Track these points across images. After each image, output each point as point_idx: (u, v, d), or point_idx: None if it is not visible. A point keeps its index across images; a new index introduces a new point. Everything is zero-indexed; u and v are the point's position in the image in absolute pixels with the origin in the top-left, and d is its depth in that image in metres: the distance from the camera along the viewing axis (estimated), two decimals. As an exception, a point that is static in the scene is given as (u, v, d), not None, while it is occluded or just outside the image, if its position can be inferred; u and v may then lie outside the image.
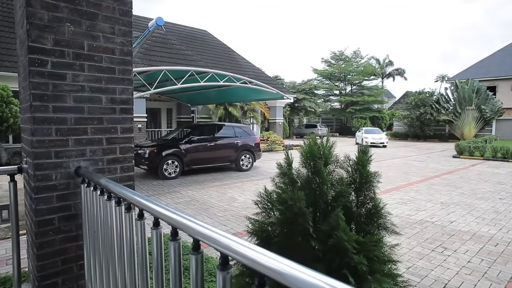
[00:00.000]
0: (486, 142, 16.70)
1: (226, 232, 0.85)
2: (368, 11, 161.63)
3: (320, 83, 37.58)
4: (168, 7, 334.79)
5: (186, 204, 6.36)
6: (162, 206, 1.12)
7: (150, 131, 16.53)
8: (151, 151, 9.08)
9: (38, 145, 1.84)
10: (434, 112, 25.45)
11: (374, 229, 1.68)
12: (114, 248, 1.48)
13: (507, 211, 5.86)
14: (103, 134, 2.07)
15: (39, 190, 1.85)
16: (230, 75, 9.31)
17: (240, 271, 1.65)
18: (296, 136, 30.14)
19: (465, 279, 3.29)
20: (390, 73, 45.54)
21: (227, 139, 10.36)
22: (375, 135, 21.03)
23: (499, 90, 28.02)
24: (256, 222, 1.77)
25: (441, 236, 4.55)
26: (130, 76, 2.18)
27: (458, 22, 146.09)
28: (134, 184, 2.26)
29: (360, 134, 22.38)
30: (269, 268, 0.69)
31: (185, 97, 14.53)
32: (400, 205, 6.28)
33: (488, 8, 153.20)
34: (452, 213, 5.73)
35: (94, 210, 1.70)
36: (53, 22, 1.85)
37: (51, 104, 1.87)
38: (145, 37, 14.47)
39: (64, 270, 1.95)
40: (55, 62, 1.87)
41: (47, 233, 1.88)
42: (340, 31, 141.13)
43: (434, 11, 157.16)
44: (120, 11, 2.11)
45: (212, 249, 0.85)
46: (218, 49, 21.04)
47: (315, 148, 1.77)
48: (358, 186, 1.75)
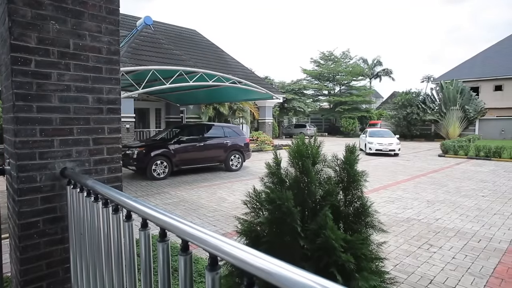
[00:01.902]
0: (469, 141, 17.16)
1: (215, 233, 0.85)
2: (357, 12, 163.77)
3: (309, 83, 37.85)
4: (157, 6, 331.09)
5: (175, 205, 6.30)
6: (150, 207, 1.11)
7: (139, 131, 16.31)
8: (139, 151, 8.96)
9: (22, 146, 1.79)
10: (420, 112, 25.99)
11: (362, 228, 1.71)
12: (101, 250, 1.46)
13: (489, 208, 6.03)
14: (89, 135, 2.03)
15: (23, 192, 1.80)
16: (220, 75, 9.28)
17: (229, 271, 1.65)
18: (285, 136, 30.27)
19: (450, 274, 3.37)
20: (378, 74, 46.23)
21: (216, 139, 10.32)
22: (382, 140, 15.41)
23: (482, 90, 28.85)
24: (245, 222, 1.78)
25: (427, 233, 4.66)
26: (118, 76, 2.15)
27: (444, 24, 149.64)
28: (122, 185, 2.22)
29: (364, 137, 16.74)
30: (258, 268, 0.69)
31: (174, 97, 14.40)
32: (387, 203, 6.39)
33: (473, 11, 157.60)
34: (437, 210, 5.86)
35: (80, 212, 1.67)
36: (36, 19, 1.81)
37: (35, 104, 1.82)
38: (133, 36, 14.26)
39: (49, 274, 1.90)
40: (39, 61, 1.83)
41: (31, 236, 1.84)
42: (329, 32, 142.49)
43: (421, 13, 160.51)
44: (107, 9, 2.07)
45: (201, 249, 0.84)
46: (207, 49, 20.92)
47: (303, 147, 1.79)
48: (346, 185, 1.78)
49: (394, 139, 15.79)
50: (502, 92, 28.35)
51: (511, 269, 3.49)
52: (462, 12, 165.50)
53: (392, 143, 15.25)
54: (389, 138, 15.92)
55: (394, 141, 15.38)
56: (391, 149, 15.01)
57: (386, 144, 15.07)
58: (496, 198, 6.79)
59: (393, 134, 16.94)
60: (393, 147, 15.07)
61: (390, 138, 15.94)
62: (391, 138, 15.95)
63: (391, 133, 17.18)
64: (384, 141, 15.32)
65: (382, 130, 18.05)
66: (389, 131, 17.40)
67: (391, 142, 15.30)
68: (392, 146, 15.08)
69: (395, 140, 15.66)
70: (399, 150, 15.46)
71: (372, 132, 16.94)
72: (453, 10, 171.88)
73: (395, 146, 15.13)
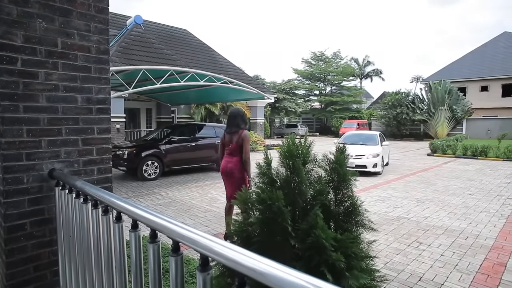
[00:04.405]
0: (457, 140, 17.52)
1: (206, 233, 0.85)
2: (348, 12, 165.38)
3: (301, 83, 38.06)
4: (147, 6, 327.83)
5: (166, 206, 6.25)
6: (140, 208, 1.11)
7: (129, 132, 16.12)
8: (130, 152, 8.86)
9: (8, 146, 1.75)
10: (410, 112, 26.41)
11: (352, 227, 1.73)
12: (91, 252, 1.44)
13: (476, 206, 6.17)
14: (78, 135, 2.00)
15: (9, 194, 1.77)
16: (211, 75, 9.24)
17: (220, 272, 1.64)
18: (277, 136, 30.36)
19: (438, 271, 3.44)
20: (368, 74, 46.79)
21: (208, 139, 10.28)
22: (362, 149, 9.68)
23: (469, 91, 29.49)
24: (236, 222, 1.78)
25: (416, 231, 4.73)
26: (107, 75, 2.12)
27: (433, 25, 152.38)
28: (112, 186, 2.20)
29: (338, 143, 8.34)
30: (249, 268, 0.70)
31: (164, 97, 14.28)
32: (378, 202, 6.47)
33: (461, 13, 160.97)
34: (426, 209, 5.97)
35: (69, 214, 1.64)
36: (23, 17, 1.77)
37: (22, 104, 1.79)
38: (123, 35, 14.07)
39: (37, 278, 1.87)
40: (26, 60, 1.79)
41: (18, 239, 1.80)
42: (320, 32, 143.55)
43: (411, 14, 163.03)
44: (96, 8, 2.05)
45: (193, 250, 0.84)
46: (198, 49, 20.81)
47: (294, 147, 1.80)
48: (336, 184, 1.79)
49: (377, 147, 9.76)
50: (488, 93, 29.04)
51: (497, 265, 3.58)
52: (451, 14, 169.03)
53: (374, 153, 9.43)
54: (371, 146, 9.85)
55: (375, 151, 9.50)
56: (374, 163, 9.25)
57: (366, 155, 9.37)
58: (482, 196, 6.94)
59: (378, 138, 10.64)
60: (375, 160, 9.28)
61: (372, 146, 9.85)
62: (374, 146, 9.85)
63: (375, 137, 10.72)
64: (364, 150, 9.52)
65: (365, 133, 11.95)
66: (375, 135, 10.95)
67: (374, 152, 9.49)
68: (366, 160, 9.27)
69: (378, 149, 9.64)
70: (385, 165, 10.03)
71: (349, 137, 11.18)
72: (442, 12, 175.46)
73: (377, 159, 9.29)
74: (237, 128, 4.15)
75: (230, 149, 4.14)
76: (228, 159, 4.16)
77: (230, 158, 4.15)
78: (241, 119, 4.20)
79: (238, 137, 4.09)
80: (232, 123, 4.19)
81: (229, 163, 4.13)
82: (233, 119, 4.20)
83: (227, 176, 4.16)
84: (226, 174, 4.18)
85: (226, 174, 4.17)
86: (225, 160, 4.20)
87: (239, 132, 4.12)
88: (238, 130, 4.13)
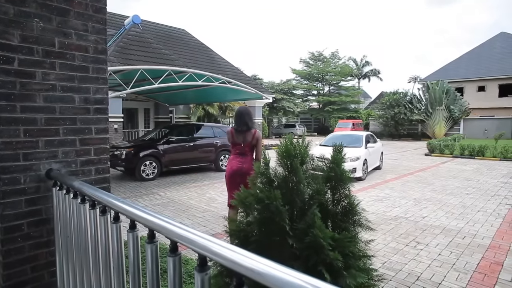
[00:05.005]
0: (455, 140, 17.59)
1: (204, 233, 0.85)
2: (346, 12, 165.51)
3: (299, 83, 38.11)
4: (145, 6, 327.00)
5: (164, 206, 6.24)
6: (138, 208, 1.10)
7: (127, 132, 16.07)
8: (128, 152, 8.83)
9: (4, 147, 1.74)
10: (407, 112, 26.51)
11: (350, 226, 1.74)
12: (89, 253, 1.43)
13: (473, 205, 6.20)
14: (76, 135, 1.99)
15: (6, 194, 1.76)
16: (209, 75, 9.24)
17: (218, 272, 1.64)
18: (275, 136, 30.37)
19: (436, 271, 3.45)
20: (366, 74, 46.94)
21: (206, 139, 10.27)
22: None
23: (466, 91, 29.62)
24: (234, 222, 1.78)
25: (414, 231, 4.75)
26: (105, 75, 2.12)
27: (431, 25, 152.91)
28: (110, 186, 2.19)
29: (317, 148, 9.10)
30: (247, 268, 0.70)
31: (162, 97, 14.27)
32: (376, 202, 6.49)
33: (458, 13, 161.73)
34: (424, 208, 5.99)
35: (67, 214, 1.64)
36: (19, 17, 1.77)
37: (19, 104, 1.78)
38: (120, 35, 14.04)
39: (34, 278, 1.86)
40: (23, 60, 1.78)
41: (15, 240, 1.79)
42: (318, 32, 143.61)
43: (409, 14, 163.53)
44: (94, 7, 2.04)
45: (191, 250, 0.84)
46: (196, 49, 20.77)
47: (291, 147, 1.80)
48: (334, 184, 1.80)
49: (359, 150, 8.76)
50: (485, 93, 29.18)
51: (494, 265, 3.60)
52: (448, 15, 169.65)
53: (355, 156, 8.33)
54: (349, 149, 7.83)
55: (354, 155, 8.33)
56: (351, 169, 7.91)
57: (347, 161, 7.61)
58: (479, 196, 6.98)
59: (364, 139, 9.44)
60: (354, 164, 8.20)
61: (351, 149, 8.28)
62: (353, 149, 8.57)
63: (361, 138, 9.53)
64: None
65: (350, 134, 10.71)
66: (360, 136, 9.71)
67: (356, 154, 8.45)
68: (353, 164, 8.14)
69: (358, 152, 8.59)
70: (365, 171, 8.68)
71: (332, 138, 10.05)
72: (440, 12, 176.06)
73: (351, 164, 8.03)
74: (246, 126, 3.95)
75: (242, 148, 3.91)
76: (241, 159, 3.90)
77: (243, 158, 3.90)
78: (248, 118, 4.00)
79: (252, 137, 3.92)
80: (241, 122, 3.98)
81: (244, 163, 3.86)
82: (240, 117, 4.01)
83: (242, 177, 3.69)
84: (240, 175, 3.78)
85: (241, 175, 3.76)
86: (236, 160, 3.91)
87: (251, 131, 3.95)
88: (248, 129, 3.95)
